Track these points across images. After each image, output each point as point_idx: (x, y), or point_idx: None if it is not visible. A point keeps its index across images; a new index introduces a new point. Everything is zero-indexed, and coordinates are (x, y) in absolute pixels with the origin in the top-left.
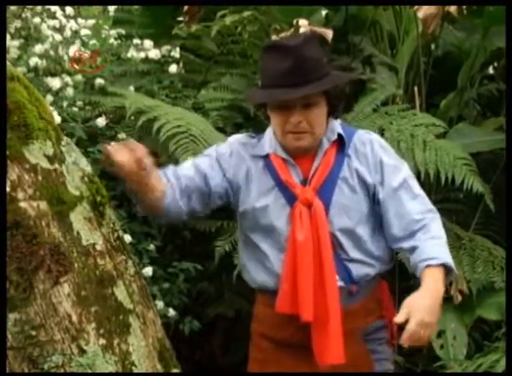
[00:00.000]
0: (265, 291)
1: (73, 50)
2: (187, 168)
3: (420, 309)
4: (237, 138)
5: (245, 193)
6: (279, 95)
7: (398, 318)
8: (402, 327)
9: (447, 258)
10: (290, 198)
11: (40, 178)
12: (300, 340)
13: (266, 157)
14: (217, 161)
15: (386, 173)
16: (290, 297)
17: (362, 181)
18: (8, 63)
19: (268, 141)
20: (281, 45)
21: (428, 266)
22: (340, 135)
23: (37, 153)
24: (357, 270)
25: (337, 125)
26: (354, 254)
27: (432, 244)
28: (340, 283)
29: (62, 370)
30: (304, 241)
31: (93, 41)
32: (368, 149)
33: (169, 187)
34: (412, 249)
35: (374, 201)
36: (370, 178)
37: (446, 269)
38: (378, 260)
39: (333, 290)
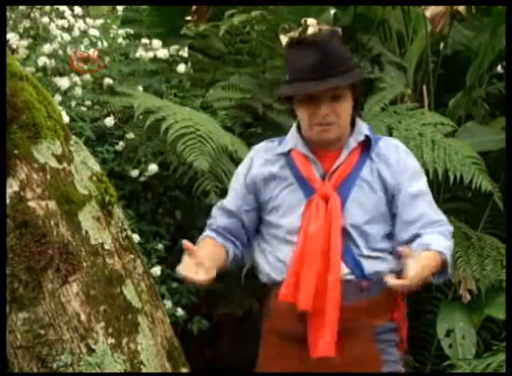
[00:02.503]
0: (277, 284)
1: (74, 51)
2: (228, 222)
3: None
4: (257, 147)
5: (265, 194)
6: (307, 87)
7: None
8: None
9: (444, 248)
10: (308, 192)
11: (48, 177)
12: (304, 333)
13: (288, 154)
14: (242, 194)
15: (407, 178)
16: (293, 286)
17: (383, 182)
18: (16, 62)
19: (291, 138)
20: (307, 39)
21: (427, 249)
22: (367, 137)
23: (45, 152)
24: (369, 266)
25: (364, 127)
26: (366, 250)
27: (434, 237)
28: (350, 277)
29: (70, 369)
30: (315, 233)
31: (101, 41)
32: (393, 154)
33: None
34: (413, 241)
35: (392, 204)
36: (392, 180)
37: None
38: (390, 258)
39: (334, 283)
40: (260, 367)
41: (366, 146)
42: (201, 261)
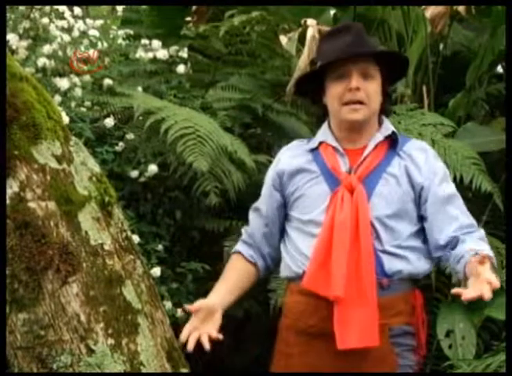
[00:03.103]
0: (298, 278)
1: (74, 52)
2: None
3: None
4: (285, 147)
5: (289, 188)
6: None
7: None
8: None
9: (491, 253)
10: (333, 184)
11: (48, 178)
12: (326, 327)
13: (316, 149)
14: (270, 191)
15: (437, 182)
16: (317, 274)
17: (410, 179)
18: (16, 63)
19: (321, 133)
20: (341, 27)
21: (476, 254)
22: (394, 133)
23: (45, 153)
24: (390, 263)
25: (390, 125)
26: (388, 246)
27: (477, 242)
28: None
29: (70, 370)
30: (342, 221)
31: (101, 42)
32: (422, 156)
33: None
34: (456, 245)
35: (420, 203)
36: (420, 180)
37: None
38: (414, 259)
39: (370, 272)
40: (278, 367)
41: (393, 143)
42: (211, 310)
